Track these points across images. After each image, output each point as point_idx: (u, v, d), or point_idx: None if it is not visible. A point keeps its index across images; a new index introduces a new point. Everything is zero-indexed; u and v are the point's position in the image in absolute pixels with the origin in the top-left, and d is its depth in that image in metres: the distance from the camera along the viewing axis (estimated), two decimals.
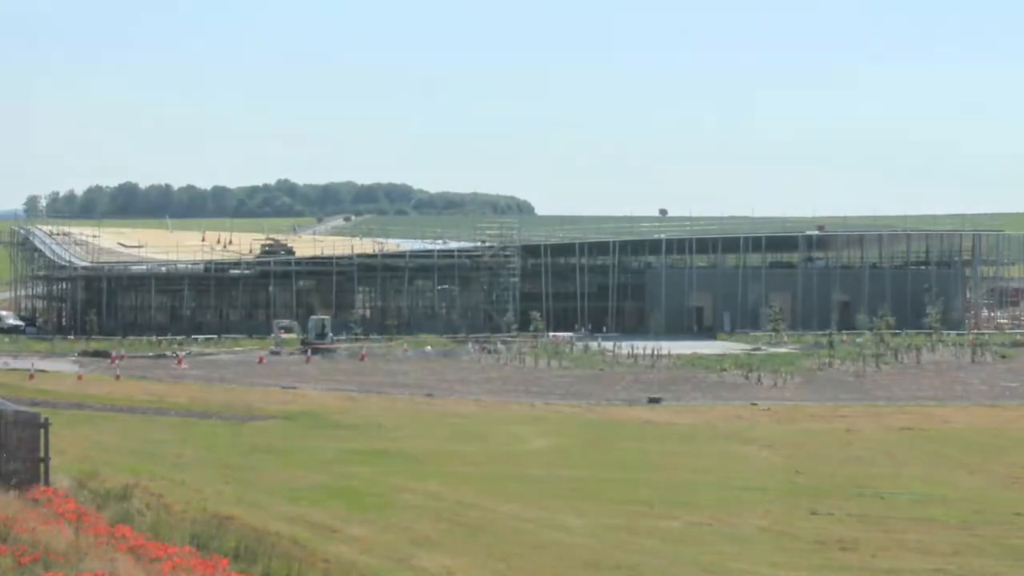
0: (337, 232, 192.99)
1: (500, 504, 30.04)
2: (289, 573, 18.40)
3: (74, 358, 76.30)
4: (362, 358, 78.90)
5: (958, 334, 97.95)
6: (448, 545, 24.63)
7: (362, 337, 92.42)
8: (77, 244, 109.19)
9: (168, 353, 79.86)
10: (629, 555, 24.86)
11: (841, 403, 59.71)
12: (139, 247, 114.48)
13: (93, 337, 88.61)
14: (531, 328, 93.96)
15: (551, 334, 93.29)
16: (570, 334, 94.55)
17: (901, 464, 40.06)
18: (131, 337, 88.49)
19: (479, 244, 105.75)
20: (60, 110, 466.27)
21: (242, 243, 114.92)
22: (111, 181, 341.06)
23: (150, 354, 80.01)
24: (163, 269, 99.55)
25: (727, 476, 36.40)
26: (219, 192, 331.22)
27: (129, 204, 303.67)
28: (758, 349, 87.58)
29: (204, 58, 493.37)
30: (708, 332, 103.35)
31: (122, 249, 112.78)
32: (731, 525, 28.65)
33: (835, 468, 38.67)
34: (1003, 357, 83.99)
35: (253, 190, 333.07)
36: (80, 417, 42.95)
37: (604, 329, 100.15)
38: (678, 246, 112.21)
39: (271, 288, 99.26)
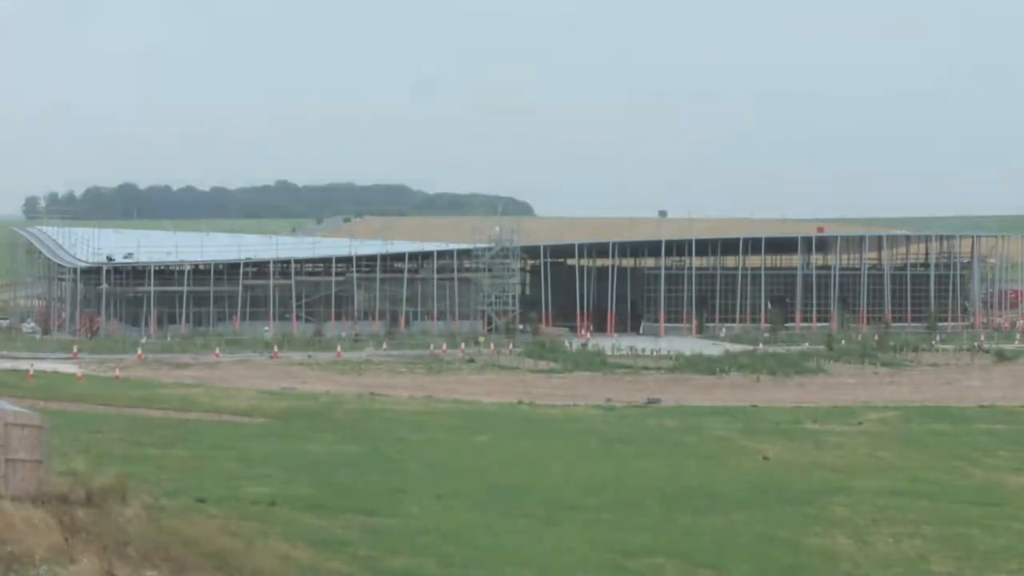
0: (336, 233, 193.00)
1: (500, 506, 30.00)
2: None
3: (73, 358, 76.15)
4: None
5: (957, 334, 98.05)
6: (449, 548, 24.59)
7: (362, 339, 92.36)
8: (77, 244, 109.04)
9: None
10: (625, 558, 24.84)
11: (840, 404, 59.66)
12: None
13: (95, 337, 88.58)
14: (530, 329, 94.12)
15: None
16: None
17: (895, 463, 40.08)
18: (132, 337, 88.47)
19: (479, 245, 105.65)
20: (59, 110, 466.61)
21: None
22: (110, 182, 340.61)
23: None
24: (163, 268, 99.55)
25: (722, 479, 36.36)
26: (219, 193, 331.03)
27: (128, 205, 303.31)
28: (757, 350, 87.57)
29: (204, 58, 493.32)
30: (707, 333, 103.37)
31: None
32: (728, 527, 28.64)
33: (830, 470, 38.65)
34: (1003, 359, 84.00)
35: (253, 191, 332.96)
36: (80, 417, 42.89)
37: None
38: (677, 247, 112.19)
39: (272, 289, 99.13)
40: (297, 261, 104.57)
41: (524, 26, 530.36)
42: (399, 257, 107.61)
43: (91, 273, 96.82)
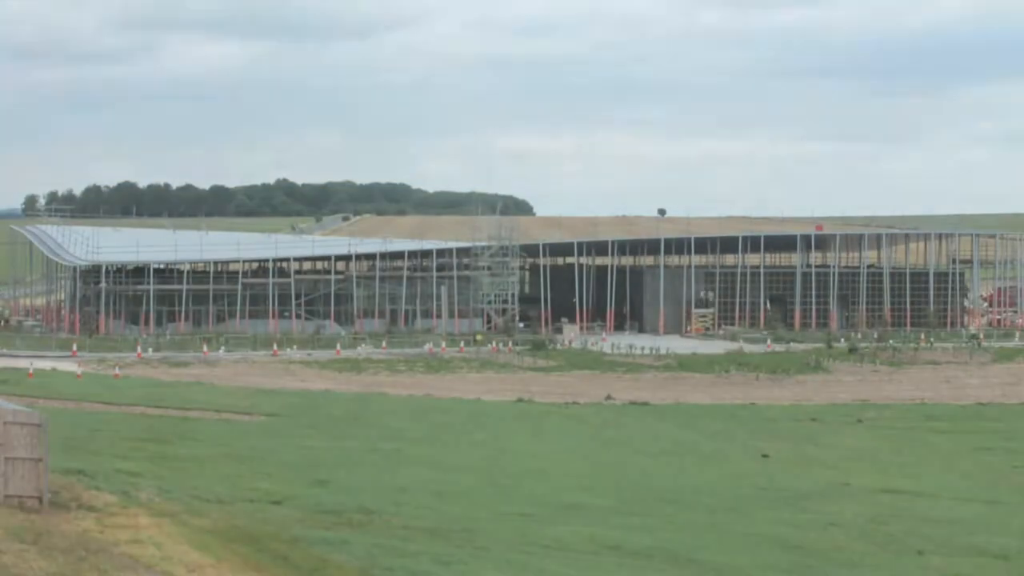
0: (336, 232, 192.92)
1: (499, 503, 30.03)
2: None
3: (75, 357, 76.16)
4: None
5: (956, 332, 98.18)
6: (448, 546, 24.59)
7: (362, 337, 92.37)
8: (77, 243, 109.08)
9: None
10: (625, 557, 24.85)
11: (839, 403, 59.76)
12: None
13: (96, 335, 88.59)
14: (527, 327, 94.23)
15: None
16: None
17: (895, 460, 40.13)
18: (132, 336, 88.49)
19: (478, 244, 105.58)
20: (59, 109, 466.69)
21: None
22: (109, 181, 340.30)
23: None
24: (162, 266, 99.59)
25: (722, 477, 36.40)
26: (218, 192, 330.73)
27: (128, 204, 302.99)
28: (756, 348, 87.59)
29: (203, 56, 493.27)
30: (706, 331, 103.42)
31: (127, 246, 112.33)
32: (727, 525, 28.69)
33: (830, 468, 38.69)
34: (1002, 357, 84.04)
35: (252, 190, 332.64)
36: (80, 416, 42.90)
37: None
38: (676, 246, 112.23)
39: (271, 287, 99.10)
40: (296, 259, 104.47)
41: (523, 25, 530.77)
42: (398, 255, 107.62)
43: (90, 272, 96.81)
